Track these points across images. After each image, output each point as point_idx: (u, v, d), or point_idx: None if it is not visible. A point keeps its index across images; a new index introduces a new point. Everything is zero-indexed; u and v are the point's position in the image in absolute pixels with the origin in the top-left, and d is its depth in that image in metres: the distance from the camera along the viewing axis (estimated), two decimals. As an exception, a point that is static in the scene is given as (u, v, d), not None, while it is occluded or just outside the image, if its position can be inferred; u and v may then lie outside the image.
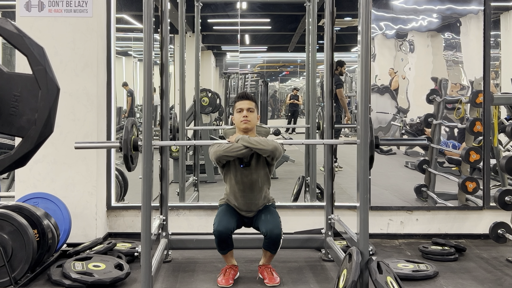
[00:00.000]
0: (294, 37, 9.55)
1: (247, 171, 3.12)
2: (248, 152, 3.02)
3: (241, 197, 3.15)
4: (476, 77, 4.18)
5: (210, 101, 6.08)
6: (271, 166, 3.21)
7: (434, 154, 4.35)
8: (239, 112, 3.12)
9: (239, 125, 3.12)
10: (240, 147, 2.98)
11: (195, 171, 5.43)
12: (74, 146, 2.86)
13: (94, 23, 3.81)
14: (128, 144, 2.72)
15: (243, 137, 3.02)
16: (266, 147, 2.99)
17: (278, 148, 3.02)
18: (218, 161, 3.08)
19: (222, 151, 3.00)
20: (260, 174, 3.14)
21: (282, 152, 3.07)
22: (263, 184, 3.18)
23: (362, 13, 2.62)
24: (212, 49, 10.99)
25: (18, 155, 1.83)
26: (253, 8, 6.94)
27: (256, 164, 3.12)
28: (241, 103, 3.12)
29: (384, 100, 4.31)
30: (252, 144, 2.98)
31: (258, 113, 3.21)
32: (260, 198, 3.17)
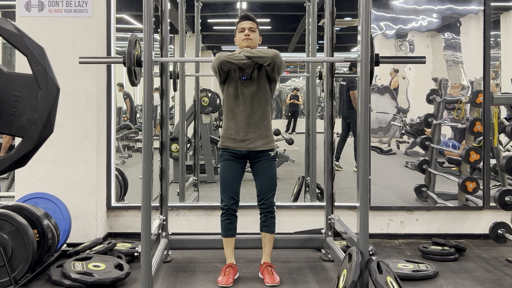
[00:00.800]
0: (294, 37, 9.55)
1: (248, 83, 3.10)
2: (250, 63, 3.02)
3: (241, 113, 3.09)
4: (476, 77, 4.18)
5: (210, 101, 6.08)
6: (273, 83, 3.18)
7: (434, 154, 4.35)
8: (241, 31, 3.14)
9: (241, 44, 3.13)
10: (242, 57, 3.00)
11: (195, 171, 5.43)
12: (78, 61, 2.95)
13: (94, 23, 3.81)
14: (132, 59, 2.74)
15: (245, 49, 3.05)
16: (267, 54, 3.00)
17: (279, 56, 3.03)
18: (220, 68, 3.04)
19: (225, 56, 3.00)
20: (261, 87, 3.11)
21: (282, 62, 3.06)
22: (264, 101, 3.12)
23: (362, 13, 2.62)
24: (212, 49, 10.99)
25: (18, 155, 1.83)
26: (253, 8, 6.94)
27: (258, 78, 3.11)
28: (243, 23, 3.14)
29: (384, 100, 4.31)
30: (253, 53, 2.99)
31: (260, 34, 3.21)
32: (261, 120, 3.12)
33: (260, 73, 3.11)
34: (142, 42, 2.67)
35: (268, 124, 3.16)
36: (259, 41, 3.21)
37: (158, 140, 3.44)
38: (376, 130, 4.29)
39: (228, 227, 3.16)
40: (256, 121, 3.11)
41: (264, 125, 3.13)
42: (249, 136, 3.11)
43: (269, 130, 3.17)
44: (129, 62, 2.76)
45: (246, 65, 3.03)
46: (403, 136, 4.36)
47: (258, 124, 3.11)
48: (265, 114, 3.14)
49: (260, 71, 3.11)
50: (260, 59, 3.00)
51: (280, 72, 3.13)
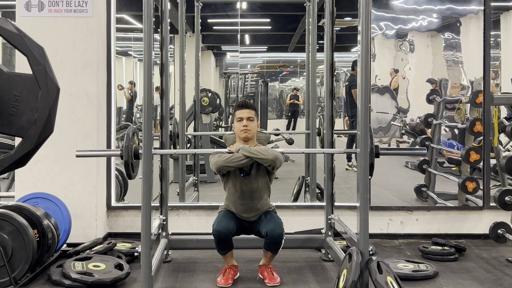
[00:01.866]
0: (294, 37, 9.55)
1: (247, 179, 3.11)
2: (249, 161, 3.01)
3: (241, 205, 3.14)
4: (476, 77, 4.18)
5: (210, 101, 6.08)
6: (271, 175, 3.20)
7: (434, 154, 4.35)
8: (239, 121, 3.11)
9: (239, 134, 3.12)
10: (240, 157, 2.98)
11: (195, 171, 5.43)
12: (75, 154, 2.89)
13: (94, 23, 3.81)
14: (129, 152, 2.72)
15: (244, 147, 3.01)
16: (267, 157, 2.98)
17: (279, 157, 3.02)
18: (219, 171, 3.09)
19: (222, 161, 2.99)
20: (260, 183, 3.14)
21: (282, 161, 3.07)
22: (263, 193, 3.17)
23: (362, 13, 2.62)
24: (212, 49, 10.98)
25: (18, 155, 1.83)
26: (253, 8, 6.94)
27: (256, 173, 3.12)
28: (241, 112, 3.12)
29: (384, 100, 4.31)
30: (253, 154, 2.97)
31: (258, 120, 3.21)
32: (260, 206, 3.17)
33: (259, 168, 3.12)
34: (143, 41, 2.65)
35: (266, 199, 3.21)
36: (258, 127, 3.20)
37: (158, 140, 3.44)
38: (376, 130, 4.29)
39: (221, 246, 3.09)
40: (256, 208, 3.16)
41: (263, 203, 3.18)
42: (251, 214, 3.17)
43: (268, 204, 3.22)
44: (127, 155, 2.73)
45: (244, 165, 3.04)
46: (403, 136, 4.36)
47: (258, 209, 3.17)
48: (265, 202, 3.19)
49: (259, 166, 3.11)
50: (260, 160, 3.01)
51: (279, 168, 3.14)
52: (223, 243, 3.05)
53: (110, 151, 3.50)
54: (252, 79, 7.98)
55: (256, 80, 7.95)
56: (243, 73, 7.73)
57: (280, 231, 3.03)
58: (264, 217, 3.14)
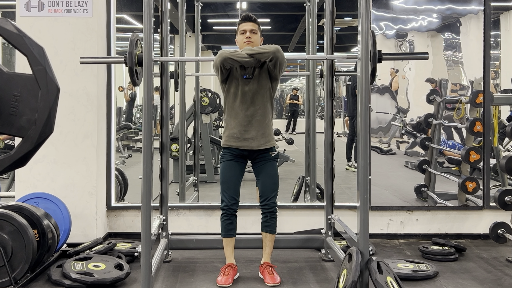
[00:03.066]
0: (294, 37, 9.55)
1: (249, 82, 3.10)
2: (253, 61, 3.02)
3: (242, 111, 3.10)
4: (476, 77, 4.18)
5: (210, 101, 6.08)
6: (274, 81, 3.18)
7: (434, 154, 4.35)
8: (242, 33, 3.15)
9: (242, 46, 3.13)
10: (244, 55, 3.00)
11: (195, 171, 5.43)
12: (79, 61, 2.94)
13: (94, 23, 3.81)
14: (133, 58, 2.74)
15: (246, 47, 3.05)
16: (268, 50, 3.00)
17: (280, 50, 3.03)
18: (222, 65, 3.05)
19: (228, 53, 3.01)
20: (262, 85, 3.11)
21: (284, 57, 3.06)
22: (265, 100, 3.13)
23: (362, 13, 2.62)
24: (212, 49, 10.98)
25: (18, 155, 1.83)
26: (253, 8, 6.94)
27: (259, 76, 3.11)
28: (244, 25, 3.15)
29: (384, 100, 4.31)
30: (255, 50, 3.00)
31: (261, 35, 3.21)
32: (262, 118, 3.12)
33: (261, 71, 3.11)
34: (143, 41, 2.66)
35: (269, 122, 3.17)
36: (261, 42, 3.21)
37: (158, 140, 3.44)
38: (376, 130, 4.29)
39: (228, 227, 3.16)
40: (258, 119, 3.11)
41: (265, 123, 3.14)
42: (251, 134, 3.12)
43: (270, 128, 3.18)
44: (131, 62, 2.75)
45: (248, 63, 3.03)
46: (403, 136, 4.36)
47: (259, 122, 3.12)
48: (266, 112, 3.14)
49: (262, 69, 3.11)
50: (262, 55, 3.00)
51: (282, 69, 3.12)
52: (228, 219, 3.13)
53: (113, 58, 3.49)
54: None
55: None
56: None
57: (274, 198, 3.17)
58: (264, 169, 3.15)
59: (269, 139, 3.16)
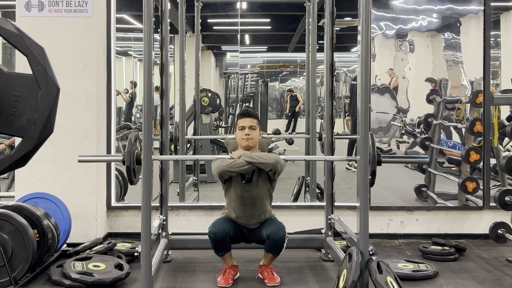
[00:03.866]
0: (294, 37, 9.54)
1: (248, 186, 3.11)
2: (251, 168, 3.01)
3: (242, 212, 3.14)
4: (476, 77, 4.18)
5: (210, 101, 6.08)
6: (273, 182, 3.20)
7: (434, 154, 4.35)
8: (241, 130, 3.11)
9: (241, 143, 3.12)
10: (242, 163, 2.98)
11: (195, 171, 5.42)
12: (77, 159, 2.96)
13: (94, 23, 3.81)
14: (131, 157, 2.72)
15: (245, 153, 3.02)
16: (268, 161, 2.98)
17: (280, 161, 3.01)
18: (221, 176, 3.08)
19: (225, 166, 2.99)
20: (261, 190, 3.13)
21: (283, 166, 3.06)
22: (265, 200, 3.16)
23: (362, 13, 2.62)
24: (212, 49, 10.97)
25: (18, 155, 1.83)
26: (253, 8, 6.94)
27: (258, 180, 3.12)
28: (243, 120, 3.12)
29: (384, 100, 4.31)
30: (254, 159, 2.97)
31: (261, 129, 3.20)
32: (261, 213, 3.16)
33: (260, 175, 3.12)
34: (143, 41, 2.65)
35: (268, 208, 3.20)
36: (260, 136, 3.19)
37: (158, 140, 3.44)
38: (376, 130, 4.29)
39: (218, 248, 3.10)
40: (257, 216, 3.15)
41: (264, 212, 3.17)
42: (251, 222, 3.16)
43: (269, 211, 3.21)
44: (129, 161, 2.74)
45: (246, 170, 3.04)
46: (403, 136, 4.36)
47: (259, 216, 3.16)
48: (266, 209, 3.18)
49: (261, 173, 3.11)
50: (261, 165, 3.00)
51: (280, 174, 3.13)
52: (219, 245, 3.06)
53: (112, 157, 3.51)
54: (252, 79, 7.98)
55: (256, 80, 7.94)
56: (243, 73, 7.73)
57: (282, 234, 3.04)
58: (265, 222, 3.14)
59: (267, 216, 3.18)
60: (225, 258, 3.15)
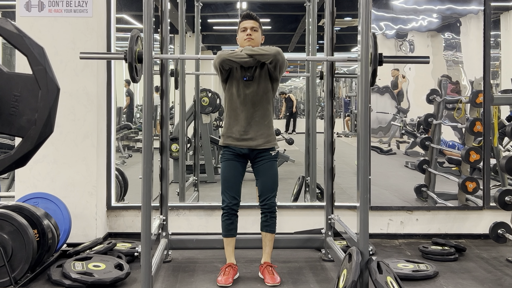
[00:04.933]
0: (294, 37, 9.55)
1: (249, 84, 3.09)
2: (252, 61, 3.00)
3: (242, 112, 3.09)
4: (476, 77, 4.18)
5: (210, 101, 6.08)
6: (275, 82, 3.16)
7: (434, 154, 4.35)
8: (243, 31, 3.13)
9: (243, 43, 3.12)
10: (244, 55, 2.98)
11: (195, 171, 5.43)
12: (79, 56, 2.92)
13: (94, 23, 3.81)
14: (133, 55, 2.73)
15: (246, 47, 3.03)
16: (269, 52, 2.98)
17: (281, 53, 3.01)
18: (221, 66, 3.04)
19: (226, 55, 2.99)
20: (262, 87, 3.10)
21: (284, 58, 3.04)
22: (265, 103, 3.12)
23: (362, 13, 2.62)
24: (212, 49, 10.97)
25: (18, 155, 1.83)
26: (253, 8, 6.94)
27: (259, 77, 3.10)
28: (245, 22, 3.14)
29: (384, 100, 4.31)
30: (255, 51, 2.98)
31: (262, 33, 3.20)
32: (262, 120, 3.11)
33: (262, 72, 3.10)
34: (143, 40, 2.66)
35: (269, 123, 3.16)
36: (262, 40, 3.19)
37: (158, 140, 3.44)
38: (376, 130, 4.29)
39: (229, 227, 3.16)
40: (257, 120, 3.11)
41: (265, 124, 3.13)
42: (250, 135, 3.11)
43: (270, 129, 3.17)
44: (130, 58, 2.74)
45: (247, 63, 3.02)
46: (403, 136, 4.36)
47: (259, 123, 3.11)
48: (267, 113, 3.14)
49: (262, 70, 3.10)
50: (262, 56, 2.99)
51: (282, 70, 3.12)
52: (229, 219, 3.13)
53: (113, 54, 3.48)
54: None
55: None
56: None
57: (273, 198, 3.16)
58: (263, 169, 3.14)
59: (269, 140, 3.15)
60: (228, 245, 3.17)
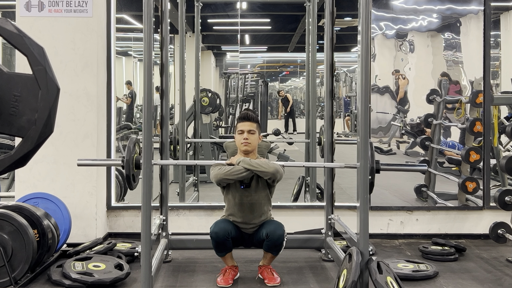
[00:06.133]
0: (294, 37, 9.55)
1: (247, 192, 3.11)
2: (249, 174, 3.01)
3: (241, 217, 3.14)
4: (476, 77, 4.18)
5: (210, 101, 6.08)
6: (272, 188, 3.20)
7: (434, 154, 4.35)
8: (240, 133, 3.10)
9: (240, 147, 3.11)
10: (241, 169, 2.97)
11: (195, 171, 5.43)
12: (77, 163, 2.94)
13: (94, 23, 3.81)
14: (130, 164, 2.73)
15: (244, 160, 3.00)
16: (267, 170, 2.97)
17: (279, 170, 3.00)
18: (219, 183, 3.08)
19: (223, 174, 2.99)
20: (260, 195, 3.13)
21: (282, 175, 3.05)
22: (263, 206, 3.16)
23: (362, 13, 2.62)
24: (212, 49, 10.97)
25: (18, 155, 1.83)
26: (253, 8, 6.94)
27: (257, 186, 3.12)
28: (242, 124, 3.11)
29: (384, 100, 4.31)
30: (253, 167, 2.97)
31: (260, 134, 3.19)
32: (260, 218, 3.16)
33: (259, 180, 3.12)
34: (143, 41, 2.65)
35: (267, 213, 3.19)
36: (259, 140, 3.19)
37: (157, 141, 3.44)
38: (376, 130, 4.29)
39: (219, 248, 3.10)
40: (255, 221, 3.15)
41: (262, 220, 3.16)
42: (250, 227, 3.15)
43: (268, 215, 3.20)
44: (128, 169, 2.74)
45: (244, 177, 3.03)
46: (403, 136, 4.36)
47: (258, 221, 3.15)
48: (265, 214, 3.18)
49: (260, 178, 3.10)
50: (261, 173, 3.00)
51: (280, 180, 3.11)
52: (221, 245, 3.06)
53: (111, 161, 3.49)
54: (252, 79, 7.98)
55: (256, 80, 7.95)
56: (243, 73, 7.73)
57: (281, 232, 3.03)
58: (264, 223, 3.14)
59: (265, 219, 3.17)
60: (225, 258, 3.15)
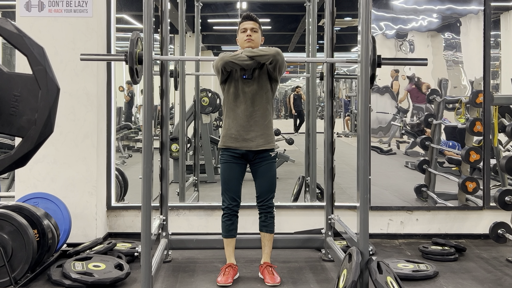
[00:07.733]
0: (294, 37, 9.55)
1: (249, 82, 3.11)
2: (253, 64, 3.04)
3: (242, 112, 3.10)
4: (476, 77, 4.18)
5: (210, 101, 6.08)
6: (274, 82, 3.19)
7: (434, 154, 4.35)
8: (243, 32, 3.15)
9: (243, 44, 3.14)
10: (244, 57, 3.01)
11: (195, 171, 5.43)
12: (80, 57, 2.95)
13: (94, 23, 3.81)
14: (134, 57, 2.74)
15: (246, 49, 3.07)
16: (268, 52, 3.01)
17: (280, 53, 3.04)
18: (224, 68, 3.06)
19: (229, 57, 3.02)
20: (262, 86, 3.12)
21: (284, 60, 3.07)
22: (265, 102, 3.13)
23: (362, 13, 2.62)
24: (212, 49, 10.97)
25: (18, 155, 1.83)
26: (253, 8, 6.94)
27: (259, 77, 3.12)
28: (245, 23, 3.16)
29: (384, 100, 4.31)
30: (255, 53, 3.01)
31: (262, 35, 3.22)
32: (262, 119, 3.11)
33: (261, 72, 3.12)
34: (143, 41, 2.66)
35: (269, 123, 3.16)
36: (262, 41, 3.21)
37: (158, 140, 3.43)
38: (376, 130, 4.29)
39: (229, 227, 3.17)
40: (257, 120, 3.11)
41: (265, 124, 3.13)
42: (250, 136, 3.11)
43: (270, 129, 3.17)
44: (131, 61, 2.76)
45: (248, 66, 3.05)
46: (403, 136, 4.36)
47: (259, 122, 3.11)
48: (266, 113, 3.14)
49: (261, 70, 3.12)
50: (262, 57, 3.01)
51: (281, 71, 3.13)
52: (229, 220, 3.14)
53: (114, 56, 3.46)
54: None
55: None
56: (243, 73, 7.71)
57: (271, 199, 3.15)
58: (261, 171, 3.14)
59: (269, 140, 3.15)
60: (228, 245, 3.18)
